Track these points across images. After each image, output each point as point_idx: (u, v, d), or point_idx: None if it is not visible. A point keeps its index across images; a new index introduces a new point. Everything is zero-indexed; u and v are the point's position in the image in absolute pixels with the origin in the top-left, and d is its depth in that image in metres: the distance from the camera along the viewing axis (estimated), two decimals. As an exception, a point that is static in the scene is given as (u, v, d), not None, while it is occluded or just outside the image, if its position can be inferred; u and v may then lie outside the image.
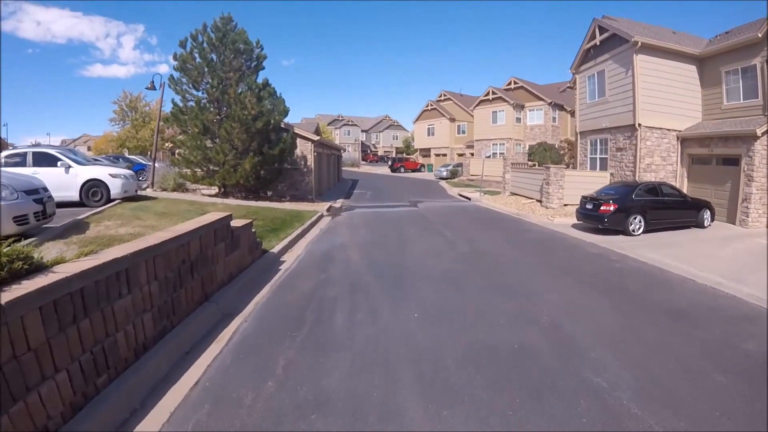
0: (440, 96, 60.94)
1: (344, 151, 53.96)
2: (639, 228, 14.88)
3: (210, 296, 6.80)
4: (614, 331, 6.04)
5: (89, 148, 78.34)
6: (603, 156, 23.02)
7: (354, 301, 7.07)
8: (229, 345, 5.56)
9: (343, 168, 59.13)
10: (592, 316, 6.59)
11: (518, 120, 44.99)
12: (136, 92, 59.24)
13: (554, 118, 44.29)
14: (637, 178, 19.99)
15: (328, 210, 19.33)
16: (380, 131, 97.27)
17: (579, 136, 25.47)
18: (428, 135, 61.51)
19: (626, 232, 14.69)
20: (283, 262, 9.92)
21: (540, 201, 21.46)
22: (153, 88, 21.55)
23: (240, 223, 8.45)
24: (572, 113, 45.41)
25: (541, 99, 44.17)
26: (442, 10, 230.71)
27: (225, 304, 6.77)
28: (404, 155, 72.18)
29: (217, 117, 19.43)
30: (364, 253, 10.70)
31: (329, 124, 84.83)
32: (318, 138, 21.88)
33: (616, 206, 14.76)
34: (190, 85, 19.72)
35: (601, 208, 14.93)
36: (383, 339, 5.64)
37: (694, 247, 12.83)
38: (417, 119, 63.79)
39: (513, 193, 25.82)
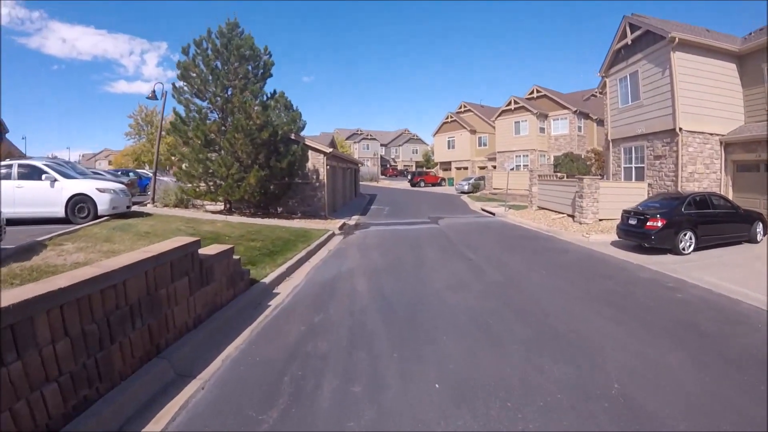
0: (460, 107, 59.34)
1: (362, 164, 52.57)
2: (689, 246, 13.00)
3: (163, 349, 5.21)
4: (715, 409, 4.23)
5: (110, 162, 78.93)
6: (639, 165, 21.06)
7: (351, 363, 5.29)
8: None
9: (361, 182, 57.83)
10: (676, 384, 4.73)
11: (542, 130, 43.04)
12: (153, 107, 59.11)
13: (580, 128, 42.24)
14: (679, 189, 18.01)
15: (340, 228, 17.76)
16: (399, 145, 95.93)
17: (611, 144, 23.52)
18: (448, 148, 59.82)
19: (675, 251, 12.82)
20: (275, 295, 8.27)
21: (572, 216, 19.56)
22: (154, 97, 20.37)
23: (214, 251, 6.86)
24: (598, 122, 43.47)
25: (566, 107, 42.21)
26: (461, 21, 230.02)
27: (182, 360, 5.13)
28: (424, 169, 70.52)
29: (222, 128, 18.10)
30: (374, 284, 8.98)
31: (348, 138, 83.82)
32: (331, 150, 20.43)
33: (665, 221, 12.89)
34: (193, 94, 18.45)
35: (648, 223, 13.06)
36: (388, 432, 3.89)
37: (755, 267, 10.91)
38: (437, 132, 62.20)
39: (540, 207, 23.93)
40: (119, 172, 30.11)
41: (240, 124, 16.73)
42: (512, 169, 39.80)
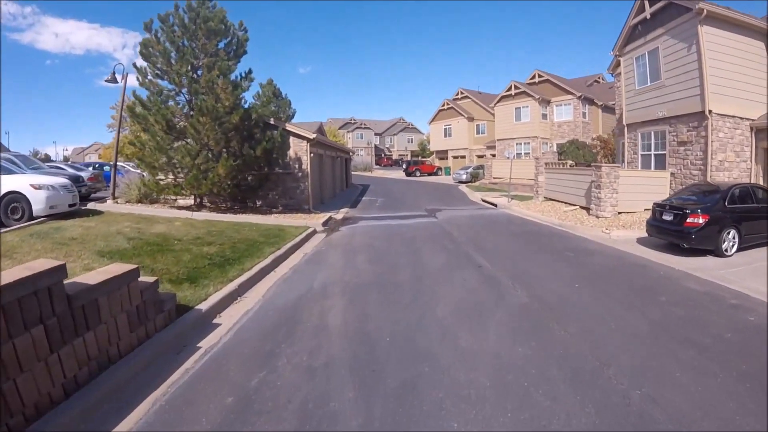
0: (457, 94, 56.75)
1: (354, 153, 50.16)
2: (733, 246, 10.95)
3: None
4: None
5: (99, 156, 76.27)
6: (659, 152, 18.81)
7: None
8: None
9: (354, 172, 55.41)
10: None
11: (544, 116, 40.65)
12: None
13: (584, 114, 39.88)
14: (708, 179, 15.84)
15: (324, 224, 15.48)
16: (394, 134, 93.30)
17: (626, 128, 21.25)
18: (445, 136, 57.31)
19: (717, 252, 10.72)
20: (212, 329, 5.98)
21: (587, 208, 17.32)
22: (114, 80, 17.90)
23: (102, 277, 4.55)
24: (603, 108, 41.23)
25: (570, 92, 39.79)
26: (458, 5, 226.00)
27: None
28: (420, 158, 67.97)
29: (189, 111, 15.71)
30: (354, 312, 6.63)
31: (341, 128, 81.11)
32: (315, 136, 18.07)
33: (707, 217, 10.70)
34: (156, 75, 16.00)
35: (688, 220, 10.85)
36: None
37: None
38: (433, 119, 59.61)
39: (548, 198, 21.67)
40: (83, 165, 27.72)
41: (205, 106, 14.33)
42: (510, 157, 37.44)
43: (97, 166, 28.38)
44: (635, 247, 11.90)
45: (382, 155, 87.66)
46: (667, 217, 11.51)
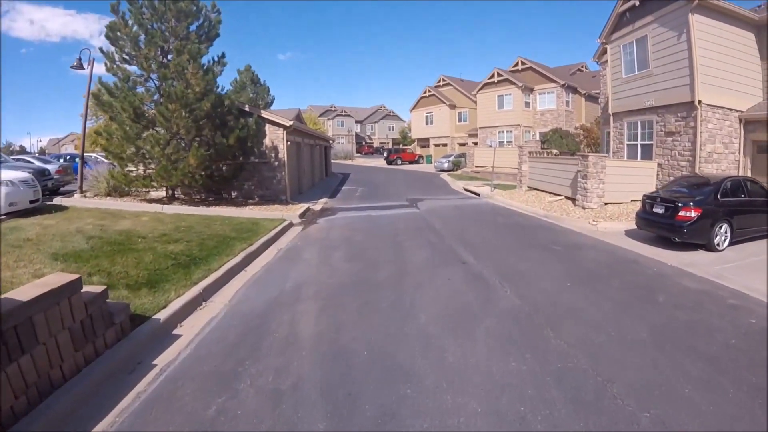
0: (439, 81, 55.99)
1: (334, 141, 49.28)
2: (725, 240, 10.67)
3: None
4: None
5: (75, 147, 73.86)
6: (646, 142, 18.47)
7: None
8: None
9: (335, 161, 54.55)
10: None
11: (527, 105, 40.22)
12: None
13: (568, 102, 39.53)
14: (696, 170, 15.55)
15: (302, 215, 14.81)
16: (375, 122, 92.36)
17: (612, 118, 20.86)
18: (426, 124, 56.61)
19: (709, 246, 10.41)
20: (172, 341, 5.34)
21: (572, 199, 16.93)
22: (80, 66, 16.86)
23: (37, 291, 3.86)
24: (587, 97, 40.97)
25: (553, 81, 39.38)
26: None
27: None
28: (401, 146, 67.25)
29: (159, 99, 14.82)
30: (328, 320, 6.01)
31: (321, 115, 79.93)
32: (291, 123, 17.29)
33: (700, 211, 10.33)
34: (123, 60, 15.03)
35: (680, 213, 10.47)
36: None
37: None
38: (414, 107, 58.80)
39: (532, 188, 21.26)
40: (53, 157, 26.52)
41: (174, 92, 13.49)
42: (491, 146, 37.06)
43: (68, 157, 27.19)
44: (624, 240, 11.53)
45: (363, 143, 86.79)
46: (658, 210, 11.13)
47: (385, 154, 58.97)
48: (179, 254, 8.28)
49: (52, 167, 19.40)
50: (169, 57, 14.91)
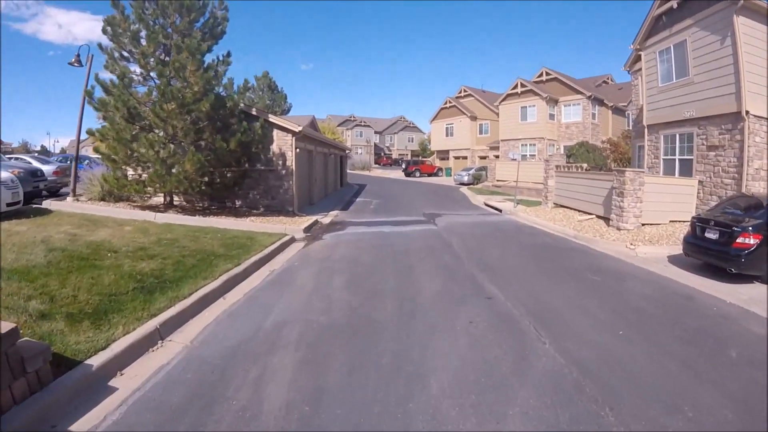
0: (460, 92, 54.59)
1: (350, 151, 48.03)
2: (784, 272, 8.98)
3: None
4: None
5: (94, 149, 74.00)
6: (685, 157, 16.82)
7: None
8: None
9: (352, 171, 53.43)
10: None
11: (552, 117, 38.60)
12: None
13: (594, 115, 37.81)
14: (743, 189, 13.89)
15: (307, 229, 13.52)
16: (395, 133, 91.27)
17: (646, 130, 19.23)
18: (447, 135, 55.20)
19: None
20: (102, 398, 3.97)
21: (606, 218, 15.34)
22: (78, 63, 15.88)
23: None
24: (614, 109, 39.19)
25: (579, 92, 37.74)
26: (461, 5, 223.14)
27: None
28: (420, 158, 65.89)
29: (156, 98, 13.71)
30: (307, 380, 4.50)
31: (340, 125, 79.13)
32: (300, 129, 16.08)
33: (760, 237, 8.76)
34: (123, 57, 14.00)
35: (737, 240, 8.88)
36: None
37: None
38: (434, 118, 57.45)
39: (558, 205, 19.70)
40: (63, 157, 25.76)
41: (170, 90, 12.36)
42: (518, 158, 35.49)
43: (71, 158, 26.32)
44: (669, 269, 9.95)
45: (382, 154, 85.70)
46: (711, 235, 9.55)
47: (403, 166, 57.65)
48: (147, 275, 6.99)
49: (48, 168, 18.42)
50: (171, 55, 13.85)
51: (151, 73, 13.85)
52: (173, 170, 13.08)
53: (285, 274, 8.54)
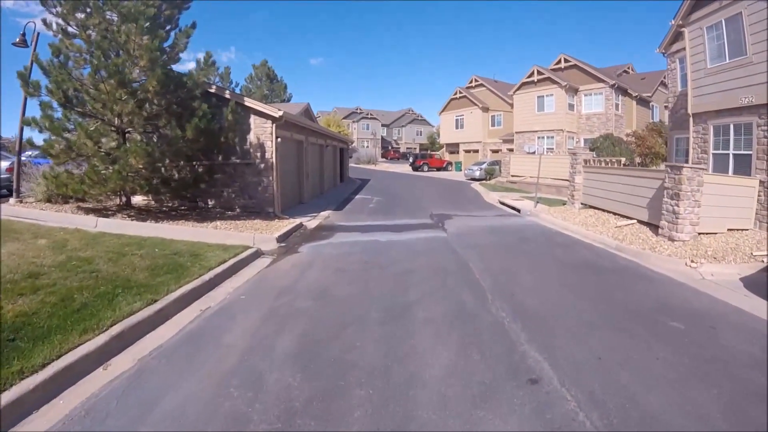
0: (471, 82, 51.39)
1: (353, 144, 45.18)
2: None
3: None
4: None
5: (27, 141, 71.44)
6: (741, 151, 13.97)
7: None
8: None
9: (356, 165, 50.77)
10: None
11: (571, 107, 35.50)
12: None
13: (617, 105, 34.70)
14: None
15: (282, 238, 10.89)
16: (402, 126, 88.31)
17: (692, 119, 16.38)
18: (456, 128, 52.10)
19: None
20: None
21: (651, 225, 12.57)
22: (23, 44, 13.26)
23: None
24: (639, 100, 36.02)
25: (601, 80, 34.60)
26: None
27: None
28: (428, 152, 62.89)
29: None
30: None
31: (346, 117, 76.18)
32: (281, 114, 13.32)
33: None
34: (62, 31, 11.42)
35: None
36: None
37: None
38: (443, 109, 54.27)
39: (587, 205, 16.87)
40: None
41: (104, 65, 9.76)
42: (539, 151, 32.92)
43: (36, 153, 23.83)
44: (754, 302, 7.21)
45: (389, 147, 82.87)
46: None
47: (410, 160, 54.81)
48: (7, 324, 4.42)
49: (4, 164, 15.96)
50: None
51: (91, 49, 11.24)
52: (116, 164, 10.50)
53: (214, 322, 5.80)
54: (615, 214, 14.69)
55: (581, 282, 8.07)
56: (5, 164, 16.34)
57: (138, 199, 14.13)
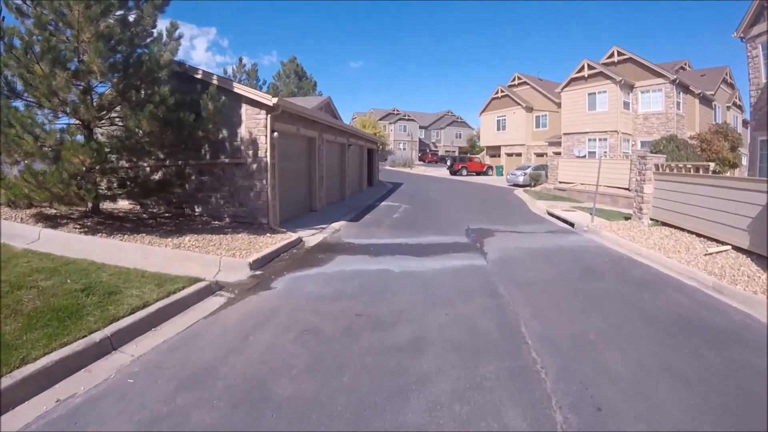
0: (513, 80, 47.79)
1: (387, 145, 42.56)
2: None
3: None
4: None
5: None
6: None
7: None
8: None
9: (391, 168, 48.16)
10: None
11: (626, 105, 31.72)
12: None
13: (678, 104, 30.72)
14: None
15: (260, 262, 8.34)
16: (441, 128, 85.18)
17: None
18: (498, 129, 48.55)
19: None
20: None
21: (753, 253, 9.34)
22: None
23: None
24: (701, 99, 31.92)
25: (660, 75, 30.59)
26: None
27: None
28: (467, 155, 59.53)
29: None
30: None
31: (382, 119, 73.80)
32: (275, 101, 10.71)
33: None
34: (16, 10, 9.24)
35: None
36: None
37: None
38: (484, 110, 50.76)
39: (659, 221, 13.60)
40: None
41: (36, 41, 7.45)
42: (585, 155, 29.46)
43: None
44: None
45: (427, 150, 79.95)
46: None
47: (448, 163, 51.75)
48: None
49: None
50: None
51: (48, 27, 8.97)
52: (58, 164, 8.16)
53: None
54: (699, 235, 11.41)
55: (696, 363, 4.98)
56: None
57: (124, 204, 11.96)
